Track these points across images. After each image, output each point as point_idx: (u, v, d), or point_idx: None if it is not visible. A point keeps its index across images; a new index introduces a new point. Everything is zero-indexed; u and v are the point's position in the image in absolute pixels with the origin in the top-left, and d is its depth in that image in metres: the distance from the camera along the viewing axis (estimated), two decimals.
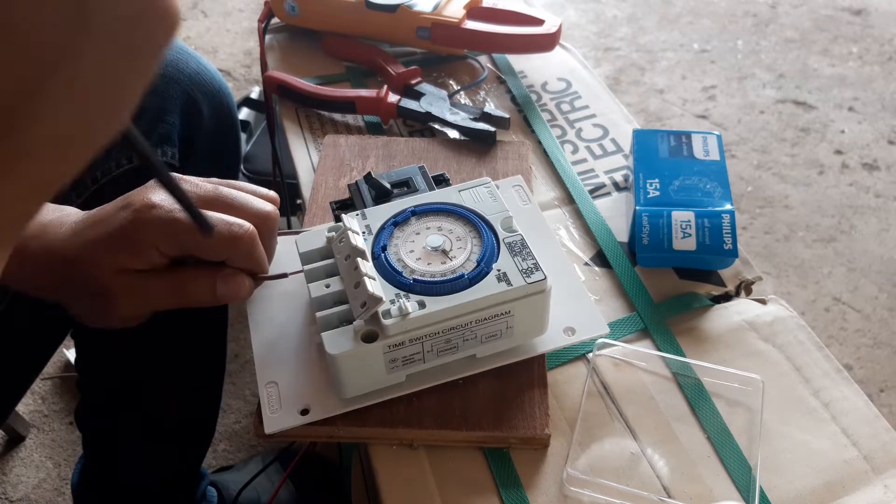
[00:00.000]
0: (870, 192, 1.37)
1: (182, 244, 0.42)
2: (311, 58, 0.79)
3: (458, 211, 0.48)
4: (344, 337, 0.42)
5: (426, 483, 0.45)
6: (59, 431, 1.01)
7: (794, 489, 0.45)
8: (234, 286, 0.44)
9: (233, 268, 0.45)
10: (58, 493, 0.96)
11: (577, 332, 0.48)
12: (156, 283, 0.43)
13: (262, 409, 0.45)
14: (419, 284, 0.43)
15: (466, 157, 0.64)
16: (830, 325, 1.15)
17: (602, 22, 1.82)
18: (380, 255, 0.45)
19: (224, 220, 0.43)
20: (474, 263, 0.44)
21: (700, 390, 0.50)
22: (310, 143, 0.69)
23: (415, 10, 0.74)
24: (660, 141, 0.63)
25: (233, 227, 0.43)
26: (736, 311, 0.55)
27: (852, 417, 0.48)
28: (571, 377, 0.51)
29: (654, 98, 1.59)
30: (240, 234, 0.43)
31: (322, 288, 0.45)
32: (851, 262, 1.25)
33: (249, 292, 0.46)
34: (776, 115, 1.54)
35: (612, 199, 0.64)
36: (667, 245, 0.55)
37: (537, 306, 0.44)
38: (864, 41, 1.74)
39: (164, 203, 0.42)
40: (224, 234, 0.42)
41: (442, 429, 0.46)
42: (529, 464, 0.46)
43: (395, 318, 0.41)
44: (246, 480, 0.82)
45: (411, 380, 0.45)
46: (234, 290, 0.44)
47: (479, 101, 0.74)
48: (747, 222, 1.31)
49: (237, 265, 0.45)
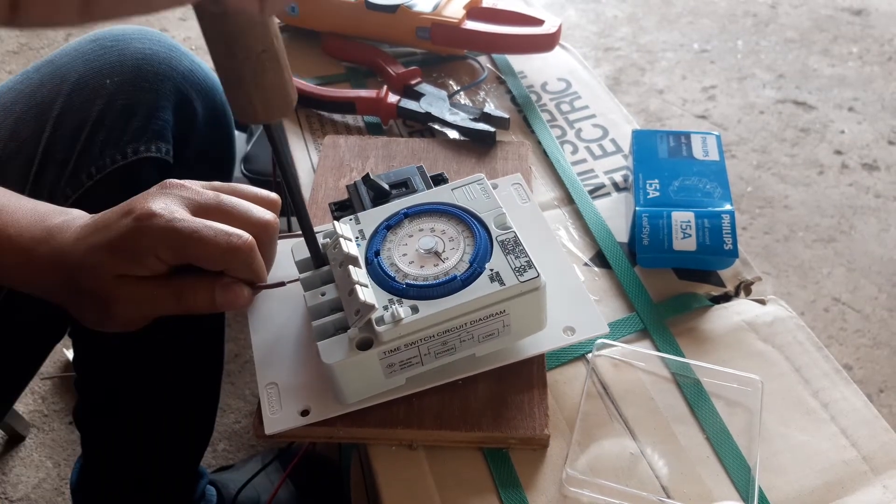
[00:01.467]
0: (870, 192, 1.37)
1: (181, 253, 0.43)
2: (310, 58, 0.79)
3: (451, 210, 0.48)
4: (339, 345, 0.42)
5: (426, 483, 0.45)
6: (58, 431, 1.01)
7: (794, 489, 0.45)
8: (232, 295, 0.45)
9: (232, 277, 0.45)
10: (57, 492, 0.96)
11: (576, 331, 0.48)
12: (156, 290, 0.44)
13: (263, 409, 0.45)
14: (412, 289, 0.43)
15: (466, 157, 0.64)
16: (830, 326, 1.15)
17: (602, 22, 1.82)
18: (373, 260, 0.45)
19: (223, 230, 0.43)
20: (467, 264, 0.44)
21: (699, 391, 0.50)
22: (309, 143, 0.69)
23: (414, 10, 0.74)
24: (659, 141, 0.63)
25: (231, 238, 0.43)
26: (735, 312, 0.55)
27: (852, 418, 0.49)
28: (571, 377, 0.51)
29: (654, 98, 1.59)
30: (238, 244, 0.43)
31: (318, 296, 0.45)
32: (851, 263, 1.25)
33: (248, 301, 0.46)
34: (776, 116, 1.54)
35: (611, 200, 0.64)
36: (667, 245, 0.55)
37: (532, 304, 0.44)
38: (864, 41, 1.74)
39: (163, 212, 0.43)
40: (222, 244, 0.43)
41: (441, 429, 0.46)
42: (529, 464, 0.46)
43: (389, 324, 0.41)
44: (245, 480, 0.82)
45: (411, 382, 0.45)
46: (232, 299, 0.45)
47: (479, 102, 0.74)
48: (747, 222, 1.31)
49: (236, 275, 0.45)
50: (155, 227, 0.42)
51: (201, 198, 0.45)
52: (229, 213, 0.45)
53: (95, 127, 0.56)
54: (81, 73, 0.57)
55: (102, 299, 0.43)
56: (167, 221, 0.42)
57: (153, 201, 0.43)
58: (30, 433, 1.01)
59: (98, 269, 0.43)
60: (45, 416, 1.03)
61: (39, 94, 0.57)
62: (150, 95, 0.58)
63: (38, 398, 1.05)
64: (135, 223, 0.42)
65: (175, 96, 0.60)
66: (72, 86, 0.57)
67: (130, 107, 0.57)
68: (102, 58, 0.58)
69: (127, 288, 0.43)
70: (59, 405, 1.04)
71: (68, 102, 0.57)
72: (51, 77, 0.58)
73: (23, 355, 0.62)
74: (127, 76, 0.58)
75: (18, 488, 0.96)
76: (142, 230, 0.42)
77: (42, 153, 0.56)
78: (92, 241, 0.43)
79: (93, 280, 0.43)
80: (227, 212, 0.45)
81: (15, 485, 0.96)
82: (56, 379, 1.06)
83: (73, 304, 0.46)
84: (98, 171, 0.56)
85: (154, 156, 0.58)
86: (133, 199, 0.44)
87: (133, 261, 0.43)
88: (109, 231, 0.43)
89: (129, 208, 0.43)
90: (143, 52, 0.59)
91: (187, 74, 0.61)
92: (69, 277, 0.44)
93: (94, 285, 0.43)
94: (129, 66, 0.58)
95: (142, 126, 0.57)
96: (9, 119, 0.57)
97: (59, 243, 0.44)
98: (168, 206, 0.43)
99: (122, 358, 0.64)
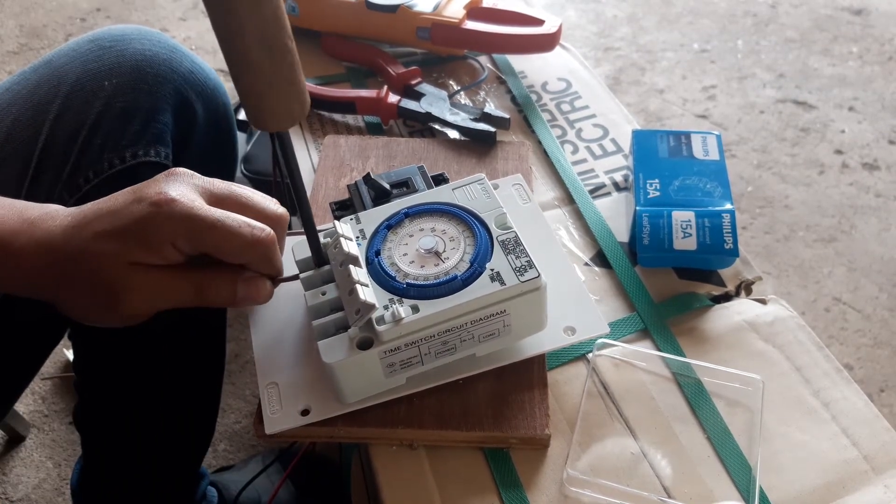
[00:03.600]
0: (870, 191, 1.37)
1: (199, 242, 0.41)
2: (311, 58, 0.79)
3: (452, 210, 0.48)
4: (340, 345, 0.42)
5: (426, 483, 0.45)
6: (59, 431, 1.01)
7: (794, 489, 0.45)
8: (254, 289, 0.44)
9: (253, 271, 0.44)
10: (58, 493, 0.96)
11: (577, 331, 0.48)
12: (173, 281, 0.42)
13: (263, 409, 0.45)
14: (413, 288, 0.43)
15: (467, 157, 0.64)
16: (830, 325, 1.15)
17: (602, 22, 1.82)
18: (373, 260, 0.45)
19: (246, 222, 0.42)
20: (467, 264, 0.44)
21: (700, 390, 0.50)
22: (310, 143, 0.69)
23: (415, 10, 0.74)
24: (659, 141, 0.63)
25: (255, 231, 0.42)
26: (736, 312, 0.55)
27: (852, 417, 0.49)
28: (571, 377, 0.51)
29: (654, 98, 1.59)
30: (261, 237, 0.42)
31: (318, 295, 0.45)
32: (852, 262, 1.25)
33: (269, 296, 0.45)
34: (776, 115, 1.54)
35: (612, 200, 0.64)
36: (667, 245, 0.55)
37: (533, 304, 0.44)
38: (864, 41, 1.74)
39: (182, 198, 0.41)
40: (246, 236, 0.41)
41: (442, 429, 0.46)
42: (529, 464, 0.46)
43: (389, 323, 0.41)
44: (246, 480, 0.82)
45: (412, 381, 0.45)
46: (254, 294, 0.44)
47: (480, 102, 0.74)
48: (747, 222, 1.31)
49: (255, 268, 0.44)
50: (175, 214, 0.40)
51: (214, 187, 0.43)
52: (245, 205, 0.43)
53: (93, 130, 0.55)
54: (79, 74, 0.56)
55: (109, 290, 0.41)
56: (188, 209, 0.40)
57: (168, 186, 0.41)
58: (30, 433, 1.01)
59: (107, 257, 0.40)
60: (46, 417, 1.03)
61: (36, 96, 0.56)
62: (150, 98, 0.57)
63: (39, 398, 1.05)
64: (152, 209, 0.40)
65: (175, 99, 0.59)
66: (69, 87, 0.56)
67: (129, 109, 0.56)
68: (101, 59, 0.57)
69: (140, 277, 0.41)
70: (59, 405, 1.04)
71: (66, 104, 0.56)
72: (48, 78, 0.57)
73: (23, 356, 0.62)
74: (126, 78, 0.57)
75: (19, 489, 0.96)
76: (161, 216, 0.40)
77: (39, 156, 0.55)
78: (97, 227, 0.41)
79: (96, 269, 0.41)
80: (244, 203, 0.43)
81: (15, 485, 0.96)
82: (56, 379, 1.06)
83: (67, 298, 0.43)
84: (96, 174, 0.55)
85: (153, 160, 0.56)
86: (140, 186, 0.42)
87: (149, 248, 0.40)
88: (120, 217, 0.41)
89: (140, 194, 0.41)
90: (143, 53, 0.58)
91: (188, 76, 0.60)
92: (61, 269, 0.41)
93: (96, 275, 0.41)
94: (128, 68, 0.57)
95: (141, 129, 0.56)
96: (5, 121, 0.56)
97: (44, 233, 0.42)
98: (185, 192, 0.41)
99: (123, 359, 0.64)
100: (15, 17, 1.77)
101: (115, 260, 0.40)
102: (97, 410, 0.69)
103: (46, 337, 0.63)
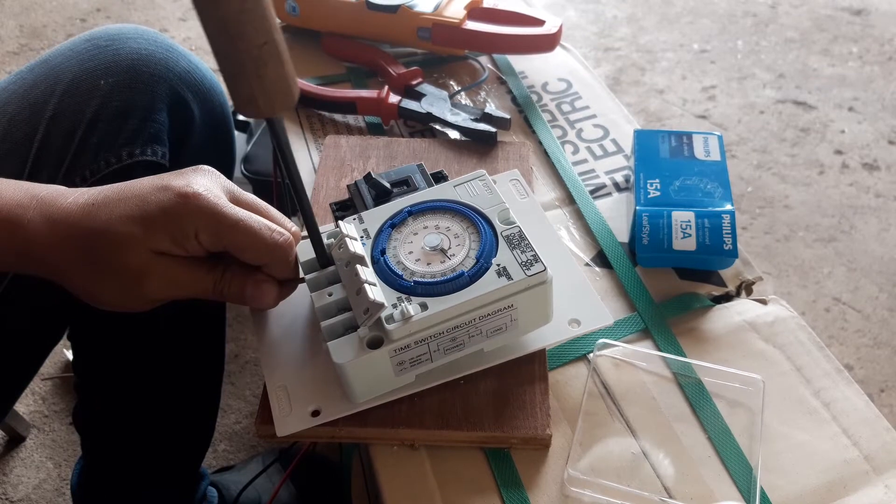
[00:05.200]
0: (870, 192, 1.37)
1: (221, 239, 0.42)
2: (311, 58, 0.79)
3: (455, 207, 0.48)
4: (349, 345, 0.42)
5: (427, 483, 0.45)
6: (59, 432, 1.01)
7: (795, 489, 0.45)
8: (260, 293, 0.45)
9: (265, 274, 0.45)
10: (58, 493, 0.96)
11: (581, 323, 0.48)
12: (197, 274, 0.43)
13: (273, 411, 0.45)
14: (420, 286, 0.43)
15: (467, 157, 0.64)
16: (831, 325, 1.15)
17: (602, 22, 1.82)
18: (379, 259, 0.45)
19: (268, 224, 0.42)
20: (473, 260, 0.44)
21: (701, 390, 0.50)
22: (310, 143, 0.69)
23: (415, 10, 0.74)
24: (660, 141, 0.63)
25: (275, 234, 0.43)
26: (736, 312, 0.55)
27: (853, 417, 0.49)
28: (572, 377, 0.51)
29: (654, 98, 1.59)
30: (281, 241, 0.43)
31: (325, 297, 0.45)
32: (852, 262, 1.25)
33: (275, 303, 0.46)
34: (776, 115, 1.54)
35: (612, 200, 0.64)
36: (667, 245, 0.55)
37: (540, 297, 0.44)
38: (864, 41, 1.74)
39: (208, 194, 0.41)
40: (267, 239, 0.42)
41: (443, 429, 0.46)
42: (530, 464, 0.46)
43: (398, 322, 0.41)
44: (246, 481, 0.82)
45: (421, 378, 0.45)
46: (260, 297, 0.45)
47: (480, 102, 0.74)
48: (747, 222, 1.31)
49: (272, 271, 0.45)
50: (202, 209, 0.40)
51: (236, 189, 0.44)
52: (265, 211, 0.44)
53: (89, 129, 0.55)
54: (76, 73, 0.56)
55: (129, 273, 0.41)
56: (213, 204, 0.41)
57: (195, 180, 0.42)
58: (30, 434, 1.01)
59: (130, 242, 0.40)
60: (46, 417, 1.03)
61: (33, 95, 0.56)
62: (145, 97, 0.57)
63: (39, 399, 1.05)
64: (179, 199, 0.40)
65: (171, 98, 0.59)
66: (66, 86, 0.56)
67: (125, 108, 0.56)
68: (97, 58, 0.57)
69: (161, 265, 0.41)
70: (59, 406, 1.04)
71: (62, 103, 0.56)
72: (44, 77, 0.57)
73: (22, 356, 0.62)
74: (122, 77, 0.56)
75: (19, 489, 0.96)
76: (186, 208, 0.40)
77: (35, 154, 0.55)
78: (123, 209, 0.41)
79: (121, 250, 0.40)
80: (264, 210, 0.44)
81: (15, 485, 0.96)
82: (56, 379, 1.06)
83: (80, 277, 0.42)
84: (92, 174, 0.55)
85: (149, 159, 0.56)
86: (166, 175, 0.42)
87: (173, 239, 0.41)
88: (145, 203, 0.41)
89: (166, 183, 0.41)
90: (139, 52, 0.58)
91: (184, 75, 0.60)
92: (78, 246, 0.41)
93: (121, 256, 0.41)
94: (125, 67, 0.57)
95: (137, 128, 0.56)
96: (2, 120, 0.56)
97: (58, 209, 0.41)
98: (211, 188, 0.42)
99: (122, 359, 0.64)
100: (15, 18, 1.77)
101: (140, 245, 0.41)
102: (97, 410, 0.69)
103: (46, 337, 0.63)
